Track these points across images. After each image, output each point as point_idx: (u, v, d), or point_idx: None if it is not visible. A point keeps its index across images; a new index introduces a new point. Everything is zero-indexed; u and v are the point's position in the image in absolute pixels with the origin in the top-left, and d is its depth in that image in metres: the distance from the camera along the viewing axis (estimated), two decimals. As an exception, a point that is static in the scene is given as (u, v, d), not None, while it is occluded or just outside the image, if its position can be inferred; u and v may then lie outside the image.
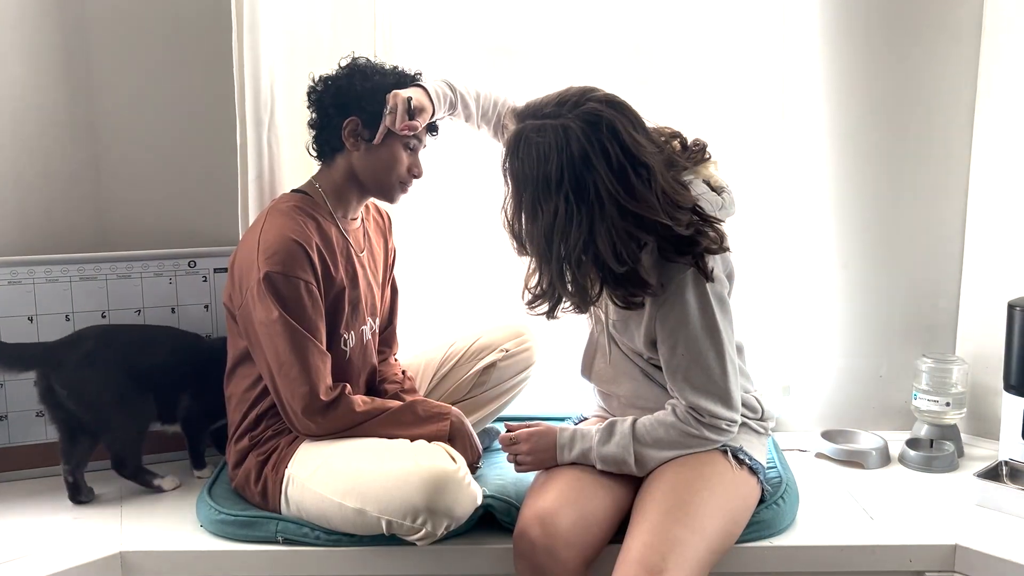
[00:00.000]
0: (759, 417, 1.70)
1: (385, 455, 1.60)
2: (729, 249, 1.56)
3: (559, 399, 2.13)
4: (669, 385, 1.58)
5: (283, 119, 1.91)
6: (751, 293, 2.06)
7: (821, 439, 2.05)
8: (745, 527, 1.59)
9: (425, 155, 1.79)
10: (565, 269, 1.50)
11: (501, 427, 1.89)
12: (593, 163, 1.44)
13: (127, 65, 2.09)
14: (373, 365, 1.88)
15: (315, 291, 1.65)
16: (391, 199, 1.79)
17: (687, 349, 1.53)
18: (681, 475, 1.53)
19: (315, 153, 1.78)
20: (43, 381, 1.81)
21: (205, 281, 2.05)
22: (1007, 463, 1.85)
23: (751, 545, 1.61)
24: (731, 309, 1.59)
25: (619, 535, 1.53)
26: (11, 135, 2.00)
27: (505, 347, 1.98)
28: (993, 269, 2.07)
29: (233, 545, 1.66)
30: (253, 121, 1.86)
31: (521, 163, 1.48)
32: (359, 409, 1.67)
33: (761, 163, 2.09)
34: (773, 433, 1.86)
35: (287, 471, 1.66)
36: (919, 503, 1.80)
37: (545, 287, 1.54)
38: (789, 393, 2.19)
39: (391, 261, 1.96)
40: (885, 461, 2.00)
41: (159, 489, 1.86)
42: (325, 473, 1.61)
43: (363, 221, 1.85)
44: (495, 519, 1.64)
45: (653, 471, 1.58)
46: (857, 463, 1.99)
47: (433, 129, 1.79)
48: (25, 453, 1.95)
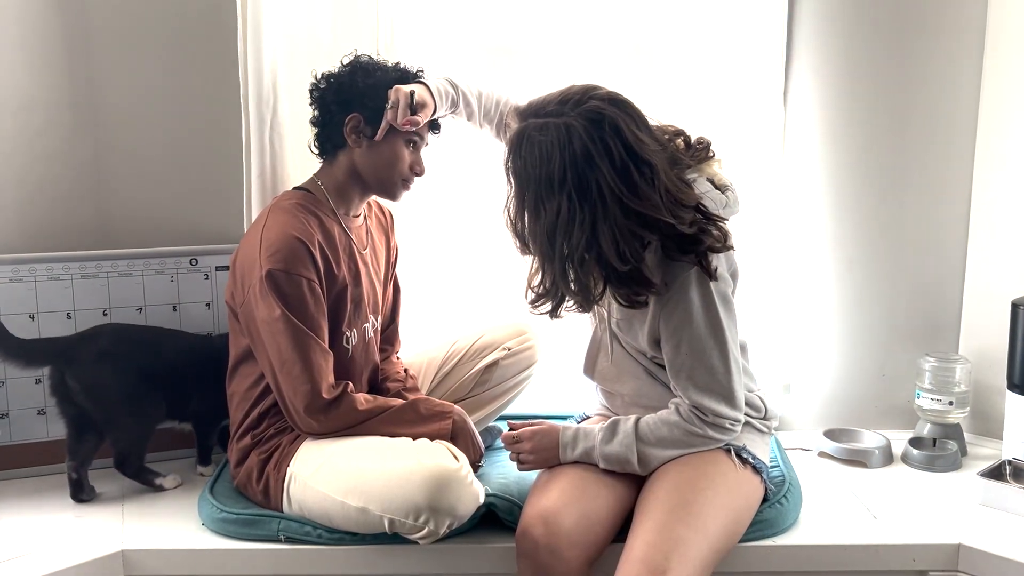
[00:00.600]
0: (762, 416, 1.70)
1: (387, 453, 1.60)
2: (733, 248, 1.56)
3: (561, 398, 2.12)
4: (673, 384, 1.58)
5: (285, 117, 1.91)
6: (754, 291, 2.06)
7: (824, 438, 2.05)
8: (748, 526, 1.59)
9: (427, 153, 1.79)
10: (568, 268, 1.49)
11: (503, 426, 1.89)
12: (596, 161, 1.43)
13: (129, 63, 2.09)
14: (375, 363, 1.87)
15: (317, 289, 1.64)
16: (393, 196, 1.79)
17: (691, 348, 1.53)
18: (684, 474, 1.53)
19: (317, 150, 1.77)
20: (56, 376, 1.81)
21: (207, 279, 2.05)
22: (1011, 462, 1.85)
23: (754, 544, 1.61)
24: (735, 308, 1.58)
25: (622, 534, 1.53)
26: (13, 132, 2.00)
27: (507, 345, 1.98)
28: (996, 268, 2.07)
29: (235, 543, 1.66)
30: (256, 119, 1.86)
31: (524, 162, 1.48)
32: (361, 407, 1.67)
33: (764, 162, 2.08)
34: (776, 432, 1.86)
35: (289, 469, 1.66)
36: (922, 502, 1.80)
37: (548, 286, 1.53)
38: (790, 391, 2.19)
39: (393, 259, 1.95)
40: (888, 460, 2.00)
41: (160, 488, 1.86)
42: (327, 471, 1.61)
43: (366, 219, 1.85)
44: (497, 518, 1.64)
45: (656, 470, 1.58)
46: (860, 462, 1.98)
47: (435, 127, 1.79)
48: (27, 451, 1.94)
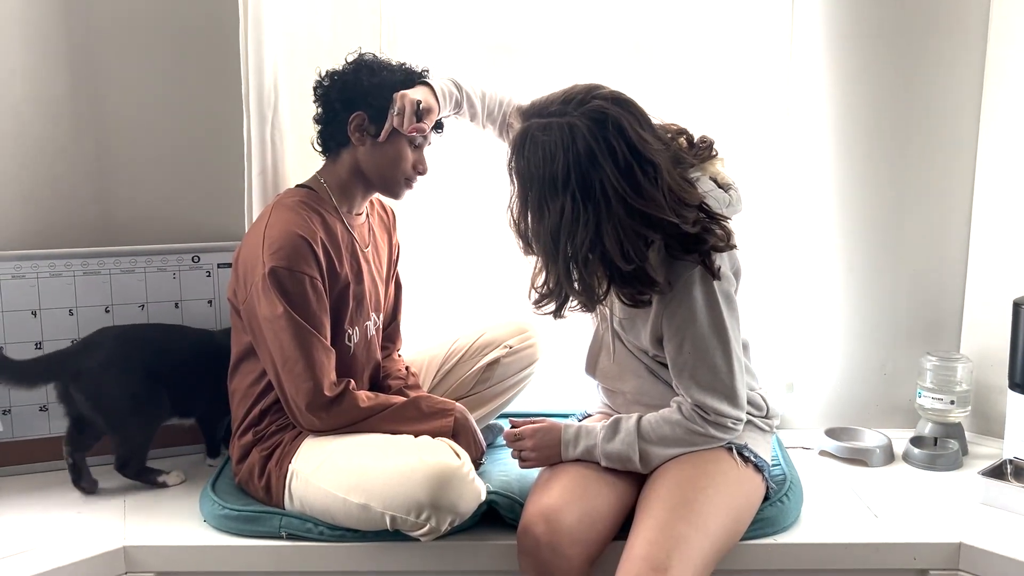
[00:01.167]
0: (764, 415, 1.70)
1: (389, 451, 1.60)
2: (736, 247, 1.56)
3: (562, 396, 2.12)
4: (675, 383, 1.58)
5: (287, 114, 1.91)
6: (756, 290, 2.06)
7: (825, 437, 2.05)
8: (749, 524, 1.59)
9: (429, 152, 1.79)
10: (572, 268, 1.49)
11: (505, 423, 1.89)
12: (599, 161, 1.43)
13: (131, 60, 2.09)
14: (377, 361, 1.87)
15: (320, 286, 1.65)
16: (396, 195, 1.79)
17: (694, 347, 1.53)
18: (686, 472, 1.53)
19: (320, 148, 1.77)
20: (61, 387, 1.81)
21: (209, 276, 2.05)
22: (1012, 461, 1.85)
23: (755, 542, 1.61)
24: (738, 307, 1.58)
25: (623, 532, 1.53)
26: (15, 129, 2.00)
27: (509, 343, 1.98)
28: (998, 267, 2.07)
29: (236, 540, 1.66)
30: (256, 116, 1.85)
31: (527, 162, 1.48)
32: (363, 405, 1.67)
33: (766, 161, 2.08)
34: (777, 430, 1.86)
35: (291, 466, 1.66)
36: (923, 501, 1.80)
37: (552, 286, 1.53)
38: (792, 390, 2.19)
39: (395, 257, 1.95)
40: (889, 459, 2.00)
41: (164, 485, 1.86)
42: (329, 468, 1.61)
43: (368, 217, 1.85)
44: (499, 515, 1.64)
45: (657, 468, 1.58)
46: (861, 461, 1.98)
47: (438, 126, 1.79)
48: (29, 447, 1.95)
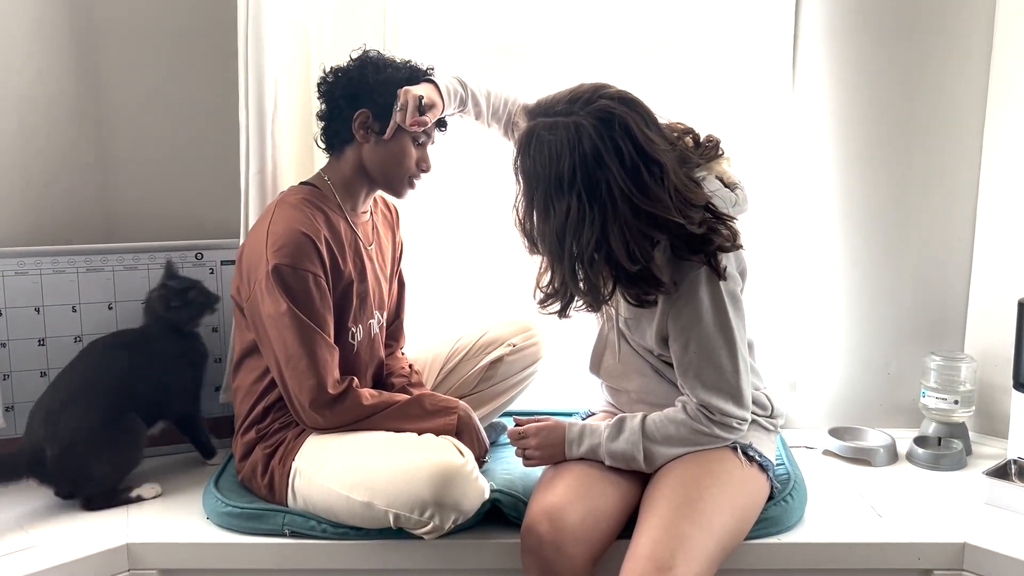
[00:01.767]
0: (769, 414, 1.70)
1: (393, 449, 1.60)
2: (742, 247, 1.55)
3: (566, 394, 2.12)
4: (680, 382, 1.57)
5: (287, 111, 1.90)
6: (760, 289, 2.06)
7: (829, 436, 2.05)
8: (753, 524, 1.58)
9: (433, 150, 1.79)
10: (577, 268, 1.49)
11: (508, 421, 1.89)
12: (606, 161, 1.43)
13: (134, 57, 2.09)
14: (380, 359, 1.87)
15: (323, 284, 1.64)
16: (399, 194, 1.78)
17: (699, 347, 1.53)
18: (690, 471, 1.52)
19: (323, 145, 1.77)
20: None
21: (212, 273, 2.05)
22: (1016, 461, 1.84)
23: (759, 542, 1.61)
24: (744, 307, 1.58)
25: (627, 531, 1.53)
26: (18, 126, 2.00)
27: (512, 341, 1.97)
28: (1003, 267, 2.06)
29: (239, 538, 1.66)
30: (256, 113, 1.85)
31: (533, 161, 1.47)
32: (366, 402, 1.67)
33: (771, 160, 2.08)
34: (781, 430, 1.86)
35: (294, 464, 1.66)
36: (927, 501, 1.80)
37: (557, 286, 1.53)
38: (796, 389, 2.19)
39: (399, 255, 1.95)
40: (893, 459, 2.00)
41: (140, 499, 1.80)
42: (332, 466, 1.61)
43: (371, 215, 1.85)
44: (502, 514, 1.64)
45: (661, 467, 1.57)
46: (864, 460, 1.98)
47: (442, 124, 1.78)
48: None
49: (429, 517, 1.53)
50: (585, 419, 1.79)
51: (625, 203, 1.43)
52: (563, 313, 1.56)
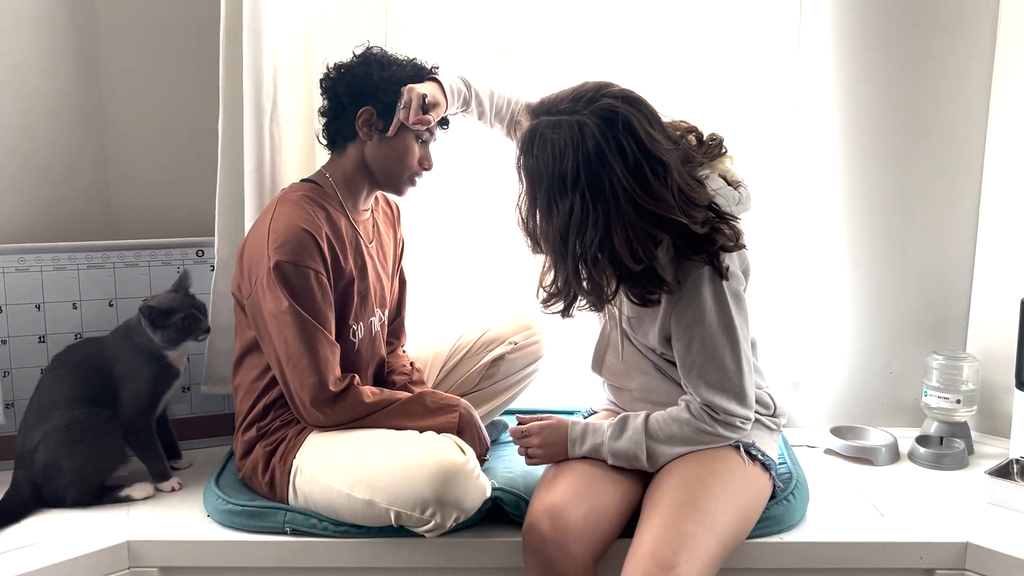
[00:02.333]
0: (771, 413, 1.69)
1: (394, 446, 1.59)
2: (745, 247, 1.55)
3: (568, 392, 2.12)
4: (684, 381, 1.57)
5: (287, 108, 1.89)
6: (762, 288, 2.05)
7: (830, 435, 2.04)
8: (755, 523, 1.58)
9: (435, 148, 1.78)
10: (581, 267, 1.48)
11: (510, 420, 1.89)
12: (609, 160, 1.42)
13: (135, 53, 2.09)
14: (382, 357, 1.87)
15: (325, 281, 1.64)
16: (400, 191, 1.78)
17: (703, 346, 1.52)
18: (693, 470, 1.52)
19: (325, 142, 1.76)
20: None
21: (213, 270, 2.04)
22: (1018, 460, 1.84)
23: (761, 541, 1.61)
24: (747, 306, 1.58)
25: (629, 530, 1.52)
26: (19, 122, 2.00)
27: (514, 340, 1.97)
28: (1005, 266, 2.06)
29: (240, 535, 1.66)
30: (254, 110, 1.84)
31: (536, 160, 1.47)
32: (368, 400, 1.66)
33: (773, 160, 2.07)
34: (783, 429, 1.85)
35: (295, 462, 1.66)
36: (929, 500, 1.80)
37: (560, 285, 1.52)
38: (798, 388, 2.19)
39: (400, 252, 1.95)
40: (894, 458, 1.99)
41: (129, 499, 1.78)
42: (334, 464, 1.61)
43: (372, 212, 1.84)
44: (504, 512, 1.63)
45: (664, 466, 1.57)
46: (866, 460, 1.98)
47: (444, 123, 1.78)
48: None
49: (431, 515, 1.53)
50: (587, 418, 1.79)
51: (628, 202, 1.43)
52: (566, 313, 1.56)
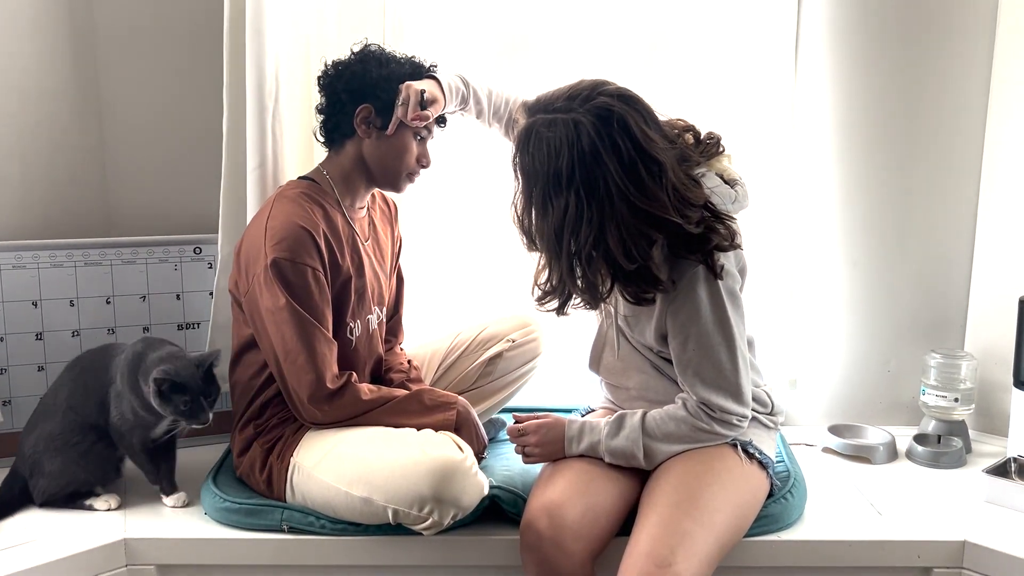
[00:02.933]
0: (769, 412, 1.69)
1: (392, 444, 1.59)
2: (740, 247, 1.55)
3: (565, 390, 2.12)
4: (680, 380, 1.57)
5: (288, 106, 1.89)
6: (761, 287, 2.05)
7: (828, 433, 2.04)
8: (753, 521, 1.58)
9: (432, 145, 1.78)
10: (575, 265, 1.48)
11: (507, 418, 1.88)
12: (604, 159, 1.42)
13: (133, 50, 2.09)
14: (379, 354, 1.87)
15: (322, 278, 1.64)
16: (398, 188, 1.78)
17: (698, 344, 1.52)
18: (690, 468, 1.52)
19: (323, 139, 1.76)
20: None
21: (210, 268, 2.04)
22: (1016, 459, 1.84)
23: (759, 539, 1.61)
24: (743, 304, 1.57)
25: (626, 528, 1.52)
26: (18, 119, 2.00)
27: (511, 337, 1.97)
28: (1004, 264, 2.06)
29: (237, 533, 1.65)
30: (257, 108, 1.84)
31: (531, 158, 1.47)
32: (365, 397, 1.66)
33: (771, 159, 2.07)
34: (780, 427, 1.85)
35: (292, 459, 1.66)
36: (927, 499, 1.80)
37: (555, 283, 1.52)
38: (796, 386, 2.19)
39: (397, 250, 1.94)
40: (892, 456, 1.99)
41: (92, 508, 1.74)
42: (331, 461, 1.60)
43: (368, 210, 1.84)
44: (501, 510, 1.63)
45: (661, 464, 1.57)
46: (864, 458, 1.98)
47: (441, 120, 1.78)
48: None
49: (428, 513, 1.53)
50: (584, 416, 1.79)
51: (622, 201, 1.43)
52: (561, 310, 1.56)
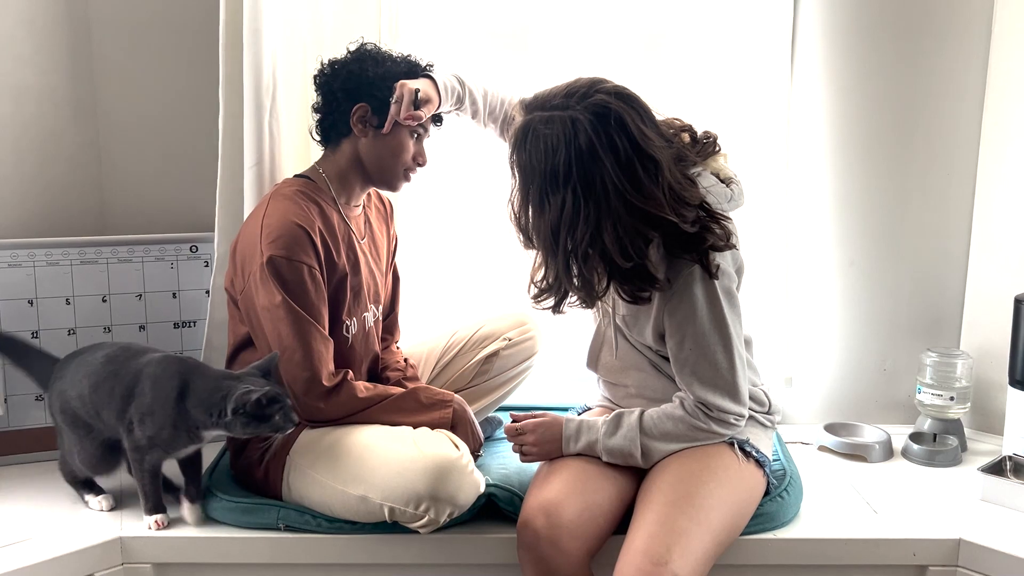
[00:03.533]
0: (766, 410, 1.69)
1: (388, 442, 1.59)
2: (736, 247, 1.55)
3: (562, 389, 2.12)
4: (677, 379, 1.57)
5: (286, 105, 1.89)
6: (757, 286, 2.06)
7: (824, 432, 2.05)
8: (749, 519, 1.58)
9: (428, 144, 1.78)
10: (571, 263, 1.48)
11: (504, 416, 1.88)
12: (600, 156, 1.42)
13: (129, 48, 2.08)
14: (375, 353, 1.87)
15: (318, 276, 1.64)
16: (394, 187, 1.78)
17: (695, 343, 1.52)
18: (687, 466, 1.52)
19: (319, 138, 1.76)
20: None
21: (207, 266, 2.04)
22: (1011, 458, 1.84)
23: (755, 537, 1.61)
24: (740, 303, 1.58)
25: (623, 526, 1.52)
26: (14, 117, 1.99)
27: (508, 336, 1.97)
28: (999, 263, 2.06)
29: (234, 532, 1.65)
30: (254, 107, 1.83)
31: (528, 155, 1.47)
32: (361, 395, 1.66)
33: (768, 158, 2.07)
34: (777, 426, 1.86)
35: (289, 458, 1.66)
36: (922, 497, 1.80)
37: (551, 281, 1.52)
38: (792, 385, 2.19)
39: (393, 248, 1.94)
40: (888, 455, 2.00)
41: (85, 504, 1.74)
42: (327, 460, 1.60)
43: (364, 208, 1.84)
44: (498, 508, 1.63)
45: (658, 462, 1.57)
46: (860, 456, 1.98)
47: (437, 119, 1.78)
48: (25, 437, 1.94)
49: (424, 511, 1.53)
50: (581, 414, 1.79)
51: (619, 199, 1.43)
52: (557, 308, 1.56)
